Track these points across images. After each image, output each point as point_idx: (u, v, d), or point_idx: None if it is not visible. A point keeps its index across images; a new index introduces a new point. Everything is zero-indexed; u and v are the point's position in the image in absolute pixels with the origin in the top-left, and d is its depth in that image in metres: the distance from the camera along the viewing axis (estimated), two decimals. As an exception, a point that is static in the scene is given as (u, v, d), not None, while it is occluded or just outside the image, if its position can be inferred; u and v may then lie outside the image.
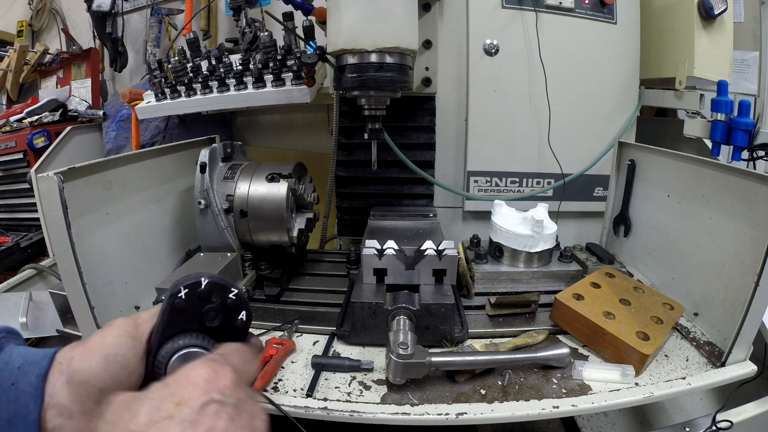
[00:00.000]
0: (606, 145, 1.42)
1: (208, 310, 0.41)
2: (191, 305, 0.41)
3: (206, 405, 0.34)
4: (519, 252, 1.11)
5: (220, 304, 0.42)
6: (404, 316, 0.86)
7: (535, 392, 0.80)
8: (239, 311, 0.43)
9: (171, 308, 0.40)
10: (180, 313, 0.40)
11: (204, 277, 0.41)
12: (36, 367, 0.37)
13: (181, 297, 0.40)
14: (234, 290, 0.43)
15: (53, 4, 2.42)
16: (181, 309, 0.40)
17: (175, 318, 0.40)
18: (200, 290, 0.41)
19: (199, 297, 0.41)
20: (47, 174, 0.79)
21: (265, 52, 1.46)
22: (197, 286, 0.41)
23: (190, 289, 0.41)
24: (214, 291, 0.42)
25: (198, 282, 0.41)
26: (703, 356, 0.88)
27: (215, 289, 0.42)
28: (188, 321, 0.40)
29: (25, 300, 1.06)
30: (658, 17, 1.41)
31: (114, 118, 2.02)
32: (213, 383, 0.35)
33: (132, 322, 0.42)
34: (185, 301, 0.40)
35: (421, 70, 1.25)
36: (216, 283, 0.42)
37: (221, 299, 0.42)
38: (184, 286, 0.40)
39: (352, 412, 0.76)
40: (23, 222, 2.00)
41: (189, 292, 0.40)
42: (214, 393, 0.35)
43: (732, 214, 0.90)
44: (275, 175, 1.09)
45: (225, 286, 0.42)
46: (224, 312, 0.42)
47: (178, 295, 0.40)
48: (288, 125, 2.13)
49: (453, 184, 1.42)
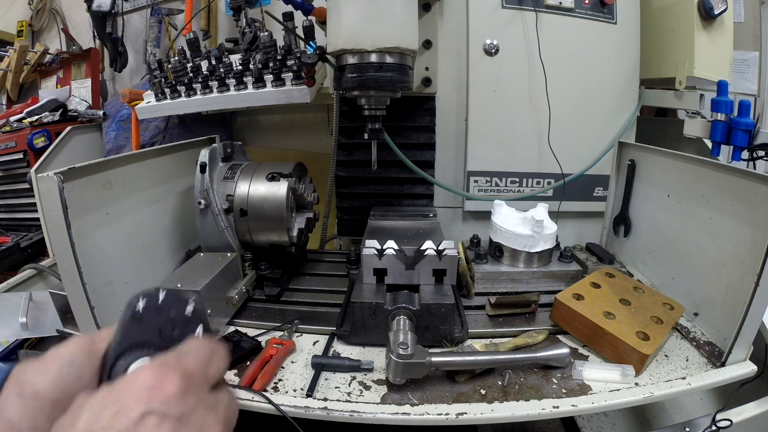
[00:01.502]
0: (606, 145, 1.42)
1: (165, 323, 0.40)
2: (149, 316, 0.40)
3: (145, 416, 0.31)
4: (519, 252, 1.11)
5: (178, 317, 0.41)
6: (404, 316, 0.86)
7: (535, 392, 0.80)
8: (196, 324, 0.42)
9: (130, 319, 0.39)
10: (138, 325, 0.39)
11: (162, 289, 0.41)
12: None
13: (138, 308, 0.39)
14: (192, 304, 0.42)
15: (53, 4, 2.42)
16: (139, 319, 0.39)
17: (133, 330, 0.39)
18: (158, 302, 0.40)
19: (157, 309, 0.40)
20: (47, 174, 0.79)
21: (265, 52, 1.46)
22: (155, 297, 0.40)
23: (148, 300, 0.40)
24: (171, 303, 0.41)
25: (156, 294, 0.40)
26: (703, 356, 0.88)
27: (173, 301, 0.41)
28: (146, 333, 0.39)
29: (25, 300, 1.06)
30: (658, 17, 1.41)
31: (114, 118, 2.02)
32: (155, 391, 0.33)
33: (89, 338, 0.41)
34: (143, 312, 0.40)
35: (421, 70, 1.25)
36: (174, 295, 0.41)
37: (178, 312, 0.41)
38: (142, 297, 0.40)
39: (352, 412, 0.76)
40: (23, 222, 2.00)
41: (147, 304, 0.40)
42: (155, 403, 0.32)
43: (732, 214, 0.90)
44: (275, 174, 1.09)
45: (183, 298, 0.42)
46: (182, 325, 0.41)
47: (136, 306, 0.39)
48: (288, 125, 2.13)
49: (453, 184, 1.42)
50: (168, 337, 0.40)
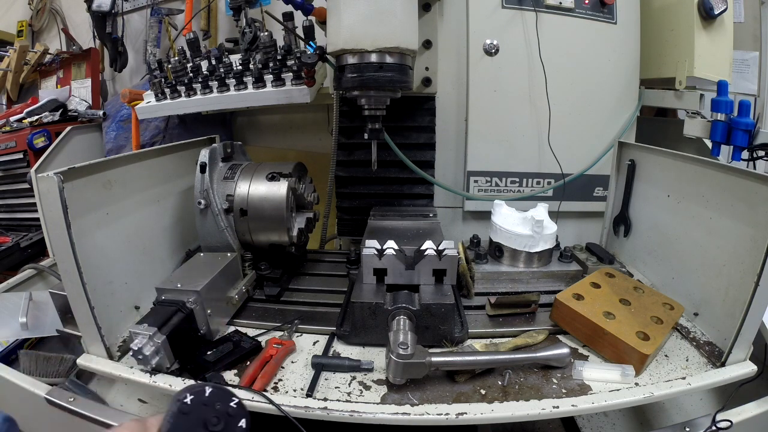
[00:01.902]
0: (606, 145, 1.42)
1: (211, 416, 0.44)
2: (195, 410, 0.44)
3: None
4: (519, 252, 1.11)
5: (222, 411, 0.45)
6: (404, 316, 0.86)
7: (535, 392, 0.80)
8: (240, 418, 0.46)
9: (178, 412, 0.43)
10: (185, 417, 0.43)
11: (208, 385, 0.46)
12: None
13: (186, 402, 0.44)
14: (235, 398, 0.46)
15: (53, 4, 2.42)
16: (186, 412, 0.43)
17: (180, 422, 0.43)
18: (204, 397, 0.45)
19: (204, 403, 0.44)
20: (47, 174, 0.79)
21: (265, 52, 1.46)
22: (202, 392, 0.45)
23: (195, 394, 0.44)
24: (217, 398, 0.45)
25: (203, 389, 0.45)
26: (703, 356, 0.88)
27: (218, 396, 0.45)
28: (192, 425, 0.43)
29: (25, 300, 1.06)
30: (658, 17, 1.41)
31: (114, 118, 2.02)
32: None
33: (142, 425, 0.44)
34: (191, 406, 0.44)
35: (421, 70, 1.25)
36: (219, 392, 0.46)
37: (223, 405, 0.45)
38: (189, 392, 0.44)
39: (352, 412, 0.76)
40: (23, 222, 2.00)
41: (194, 398, 0.44)
42: None
43: (732, 214, 0.90)
44: (275, 174, 1.09)
45: (227, 393, 0.46)
46: (226, 418, 0.45)
47: (184, 400, 0.44)
48: (288, 125, 2.13)
49: (453, 184, 1.42)
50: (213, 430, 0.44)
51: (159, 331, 0.79)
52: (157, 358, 0.80)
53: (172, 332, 0.82)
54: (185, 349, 0.86)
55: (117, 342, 0.92)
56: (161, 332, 0.80)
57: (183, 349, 0.85)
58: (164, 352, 0.80)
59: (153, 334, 0.78)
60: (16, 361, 1.09)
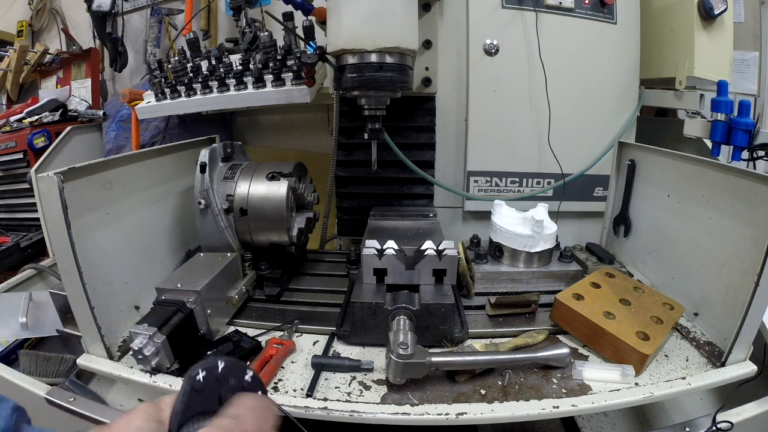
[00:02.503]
0: (606, 145, 1.42)
1: (225, 391, 0.43)
2: (209, 387, 0.42)
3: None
4: (519, 252, 1.11)
5: (237, 385, 0.44)
6: (404, 316, 0.86)
7: (535, 392, 0.80)
8: (255, 391, 0.45)
9: (190, 389, 0.42)
10: (199, 394, 0.42)
11: (221, 360, 0.44)
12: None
13: (199, 379, 0.42)
14: (249, 372, 0.45)
15: (53, 4, 2.42)
16: (199, 390, 0.42)
17: (194, 399, 0.41)
18: (217, 372, 0.43)
19: (217, 378, 0.43)
20: (47, 174, 0.78)
21: (265, 52, 1.46)
22: (215, 368, 0.43)
23: (207, 371, 0.43)
24: (230, 372, 0.44)
25: (215, 364, 0.43)
26: (703, 356, 0.88)
27: (232, 370, 0.44)
28: (207, 402, 0.42)
29: (25, 300, 1.06)
30: (658, 17, 1.41)
31: (114, 118, 2.02)
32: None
33: (155, 407, 0.42)
34: (204, 383, 0.42)
35: (421, 70, 1.25)
36: (232, 365, 0.44)
37: (237, 380, 0.44)
38: (202, 369, 0.42)
39: (352, 412, 0.76)
40: (23, 222, 2.00)
41: (206, 375, 0.42)
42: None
43: (732, 214, 0.90)
44: (275, 174, 1.09)
45: (241, 367, 0.45)
46: (242, 392, 0.44)
47: (196, 377, 0.42)
48: (288, 125, 2.13)
49: (453, 184, 1.42)
50: None
51: (159, 331, 0.79)
52: (157, 358, 0.80)
53: (172, 332, 0.82)
54: (185, 349, 0.86)
55: (117, 342, 0.92)
56: (161, 332, 0.80)
57: (183, 349, 0.85)
58: (164, 352, 0.80)
59: (153, 334, 0.78)
60: (16, 361, 1.09)
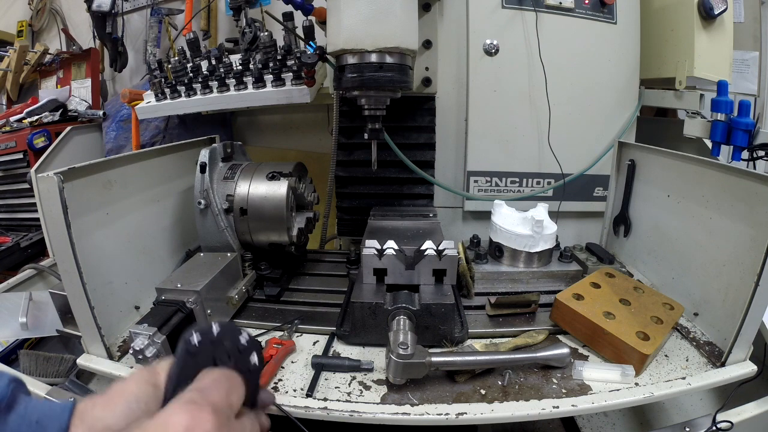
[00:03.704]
0: (606, 145, 1.42)
1: (220, 354, 0.43)
2: (204, 350, 0.42)
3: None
4: (519, 252, 1.11)
5: (232, 348, 0.44)
6: (404, 316, 0.86)
7: (535, 392, 0.80)
8: (251, 353, 0.44)
9: (185, 353, 0.42)
10: (194, 358, 0.42)
11: (215, 324, 0.44)
12: (56, 422, 0.36)
13: (194, 343, 0.42)
14: (244, 334, 0.45)
15: (53, 4, 2.42)
16: (194, 354, 0.42)
17: (189, 363, 0.41)
18: (212, 335, 0.43)
19: (212, 341, 0.43)
20: (47, 174, 0.79)
21: (265, 52, 1.46)
22: (209, 332, 0.43)
23: (202, 334, 0.43)
24: (225, 335, 0.44)
25: (210, 328, 0.43)
26: (703, 356, 0.88)
27: (226, 333, 0.44)
28: (202, 365, 0.42)
29: (25, 300, 1.06)
30: (658, 17, 1.41)
31: (114, 118, 2.02)
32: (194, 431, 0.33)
33: (151, 371, 0.42)
34: (199, 346, 0.42)
35: (421, 70, 1.25)
36: (227, 328, 0.44)
37: (233, 342, 0.44)
38: (196, 332, 0.43)
39: (352, 412, 0.76)
40: (23, 222, 2.00)
41: (201, 338, 0.42)
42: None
43: (732, 214, 0.90)
44: (275, 173, 1.09)
45: (235, 330, 0.45)
46: (236, 355, 0.44)
47: (192, 341, 0.42)
48: (288, 125, 2.13)
49: (453, 184, 1.42)
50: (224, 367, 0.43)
51: (159, 331, 0.79)
52: (157, 358, 0.80)
53: (172, 332, 0.82)
54: (185, 349, 0.86)
55: (117, 342, 0.92)
56: (161, 332, 0.80)
57: (183, 349, 0.85)
58: (164, 352, 0.80)
59: (153, 334, 0.78)
60: (16, 361, 1.09)
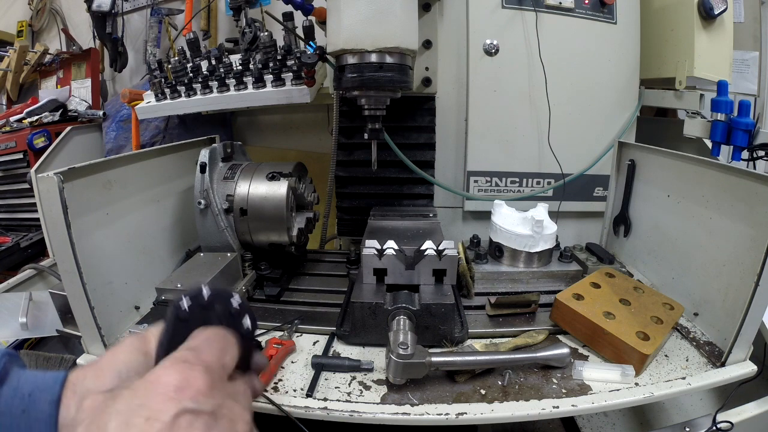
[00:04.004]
0: (606, 145, 1.42)
1: (211, 318, 0.41)
2: (194, 315, 0.41)
3: (178, 416, 0.31)
4: (519, 252, 1.11)
5: (224, 312, 0.42)
6: (404, 316, 0.86)
7: (535, 392, 0.80)
8: (242, 316, 0.43)
9: (175, 319, 0.40)
10: (184, 324, 0.40)
11: (205, 287, 0.42)
12: (48, 394, 0.36)
13: (184, 308, 0.40)
14: (236, 297, 0.43)
15: (53, 4, 2.42)
16: (184, 319, 0.40)
17: (179, 329, 0.40)
18: (202, 299, 0.41)
19: (202, 306, 0.41)
20: (47, 174, 0.79)
21: (265, 52, 1.46)
22: (199, 295, 0.41)
23: (192, 299, 0.41)
24: (216, 299, 0.42)
25: (200, 292, 0.41)
26: (703, 356, 0.88)
27: (217, 297, 0.42)
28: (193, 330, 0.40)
29: (25, 300, 1.06)
30: (658, 17, 1.41)
31: (114, 118, 2.02)
32: (184, 390, 0.32)
33: (142, 338, 0.41)
34: (189, 312, 0.40)
35: (421, 70, 1.25)
36: (217, 292, 0.42)
37: (224, 307, 0.42)
38: (186, 296, 0.41)
39: (352, 412, 0.76)
40: (23, 222, 2.00)
41: (191, 303, 0.41)
42: (186, 401, 0.32)
43: (732, 214, 0.90)
44: (275, 174, 1.09)
45: (226, 294, 0.43)
46: (228, 319, 0.42)
47: (181, 306, 0.40)
48: (288, 125, 2.13)
49: (453, 184, 1.42)
50: None
51: (159, 331, 0.79)
52: (157, 358, 0.80)
53: (172, 332, 0.82)
54: (185, 349, 0.86)
55: (117, 342, 0.92)
56: (161, 332, 0.80)
57: (183, 349, 0.85)
58: (164, 352, 0.80)
59: (153, 334, 0.78)
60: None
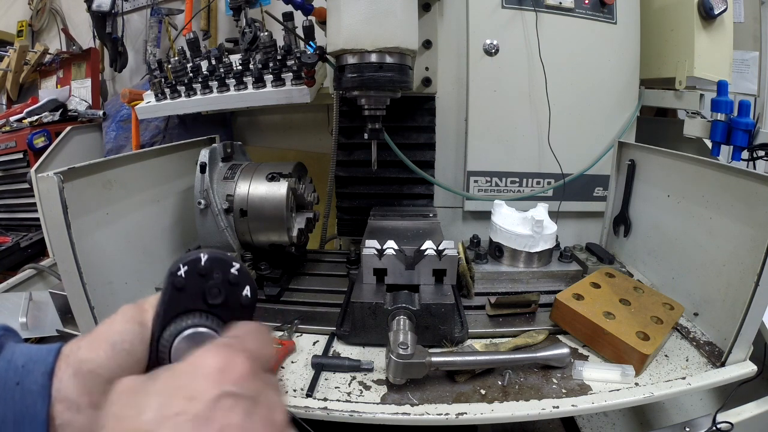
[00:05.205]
0: (606, 145, 1.42)
1: (210, 287, 0.39)
2: (192, 283, 0.38)
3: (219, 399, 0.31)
4: (519, 252, 1.11)
5: (223, 280, 0.40)
6: (404, 316, 0.86)
7: (535, 392, 0.80)
8: (243, 286, 0.40)
9: (171, 287, 0.38)
10: (181, 292, 0.38)
11: (203, 253, 0.39)
12: (41, 365, 0.35)
13: (180, 275, 0.38)
14: (236, 264, 0.40)
15: (53, 4, 2.42)
16: (181, 287, 0.38)
17: (176, 298, 0.38)
18: (200, 266, 0.39)
19: (200, 273, 0.39)
20: (47, 174, 0.79)
21: (265, 52, 1.46)
22: (197, 262, 0.39)
23: (189, 266, 0.38)
24: (214, 266, 0.39)
25: (197, 258, 0.39)
26: (703, 356, 0.88)
27: (216, 264, 0.39)
28: (191, 300, 0.38)
29: (25, 300, 1.06)
30: (658, 17, 1.41)
31: (114, 118, 2.02)
32: (227, 374, 0.32)
33: (137, 308, 0.40)
34: (185, 279, 0.38)
35: (421, 70, 1.25)
36: (216, 258, 0.39)
37: (223, 275, 0.40)
38: (183, 264, 0.38)
39: (352, 412, 0.76)
40: (23, 222, 2.00)
41: (188, 270, 0.38)
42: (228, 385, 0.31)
43: (732, 214, 0.90)
44: (275, 174, 1.09)
45: (226, 260, 0.40)
46: (227, 288, 0.40)
47: (178, 273, 0.38)
48: (288, 125, 2.13)
49: (453, 184, 1.42)
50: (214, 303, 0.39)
51: (159, 331, 0.79)
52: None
53: (172, 332, 0.81)
54: (185, 349, 0.86)
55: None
56: (161, 332, 0.80)
57: (183, 349, 0.85)
58: (164, 352, 0.80)
59: (153, 334, 0.78)
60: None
